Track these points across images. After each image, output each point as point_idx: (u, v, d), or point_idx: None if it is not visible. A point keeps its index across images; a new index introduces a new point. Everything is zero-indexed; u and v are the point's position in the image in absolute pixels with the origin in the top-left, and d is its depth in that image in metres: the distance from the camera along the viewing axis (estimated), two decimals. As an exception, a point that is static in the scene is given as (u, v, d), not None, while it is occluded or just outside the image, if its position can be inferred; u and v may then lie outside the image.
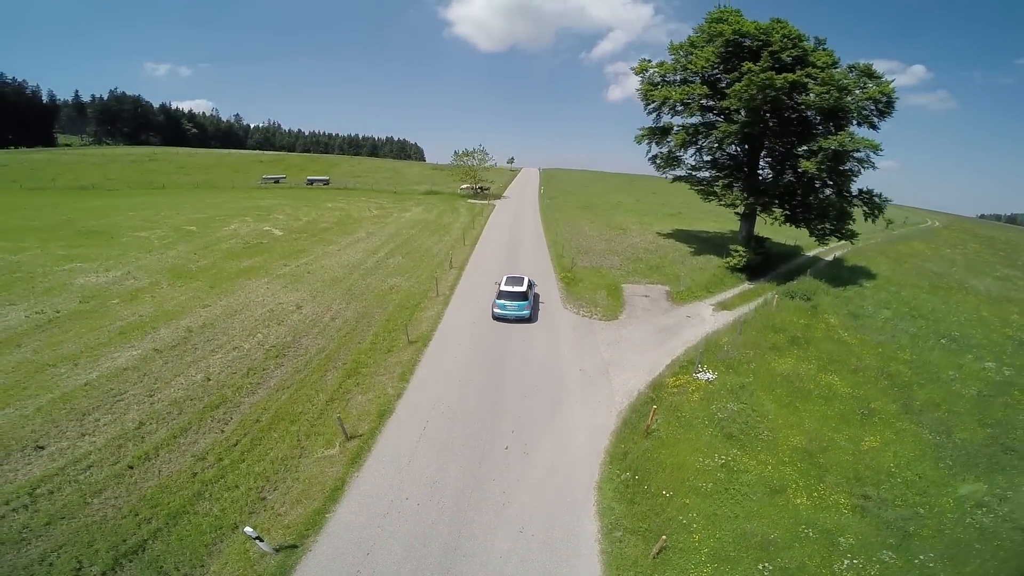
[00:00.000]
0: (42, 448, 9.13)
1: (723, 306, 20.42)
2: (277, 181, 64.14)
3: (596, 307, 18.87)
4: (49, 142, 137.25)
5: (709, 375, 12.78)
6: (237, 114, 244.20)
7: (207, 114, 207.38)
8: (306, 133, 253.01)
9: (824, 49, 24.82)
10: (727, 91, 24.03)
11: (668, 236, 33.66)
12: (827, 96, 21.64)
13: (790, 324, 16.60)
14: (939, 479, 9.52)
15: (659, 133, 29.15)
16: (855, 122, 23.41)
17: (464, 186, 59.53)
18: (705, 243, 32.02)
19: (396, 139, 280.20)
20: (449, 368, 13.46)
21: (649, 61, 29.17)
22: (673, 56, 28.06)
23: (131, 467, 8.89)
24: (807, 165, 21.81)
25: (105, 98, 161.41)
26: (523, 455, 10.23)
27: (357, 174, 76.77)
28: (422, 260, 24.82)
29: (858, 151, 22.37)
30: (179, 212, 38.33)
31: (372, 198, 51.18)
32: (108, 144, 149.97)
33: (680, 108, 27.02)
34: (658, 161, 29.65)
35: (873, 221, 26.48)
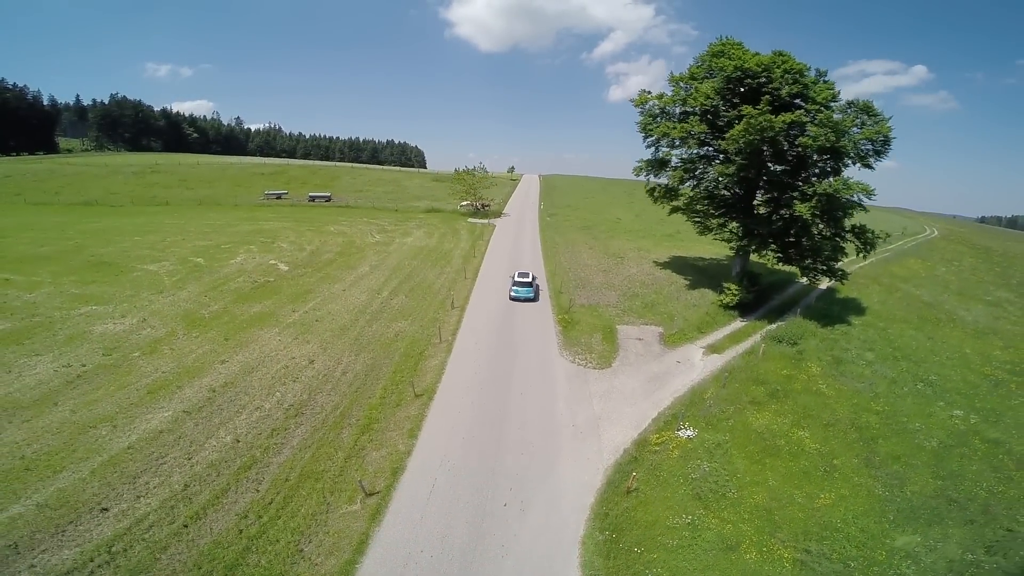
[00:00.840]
0: (106, 510, 11.12)
1: (713, 349, 22.42)
2: (279, 197, 66.68)
3: (591, 353, 20.87)
4: (51, 148, 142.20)
5: (690, 432, 14.76)
6: (238, 117, 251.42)
7: (208, 117, 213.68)
8: (307, 136, 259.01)
9: (825, 81, 26.78)
10: (725, 132, 25.93)
11: (664, 265, 35.72)
12: (823, 139, 23.32)
13: (773, 375, 18.60)
14: (880, 532, 11.47)
15: (657, 165, 31.32)
16: (851, 162, 25.40)
17: (465, 203, 61.82)
18: (701, 273, 34.06)
19: (397, 142, 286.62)
20: (453, 425, 15.44)
21: (649, 93, 31.41)
22: (673, 88, 30.22)
23: (186, 526, 10.88)
24: (801, 209, 23.66)
25: (106, 102, 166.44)
26: (519, 512, 12.19)
27: (358, 188, 79.18)
28: (424, 298, 26.87)
29: (851, 196, 24.30)
30: (184, 237, 40.61)
31: (373, 219, 53.43)
32: (109, 150, 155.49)
33: (678, 143, 29.19)
34: (656, 193, 31.80)
35: (864, 257, 28.51)
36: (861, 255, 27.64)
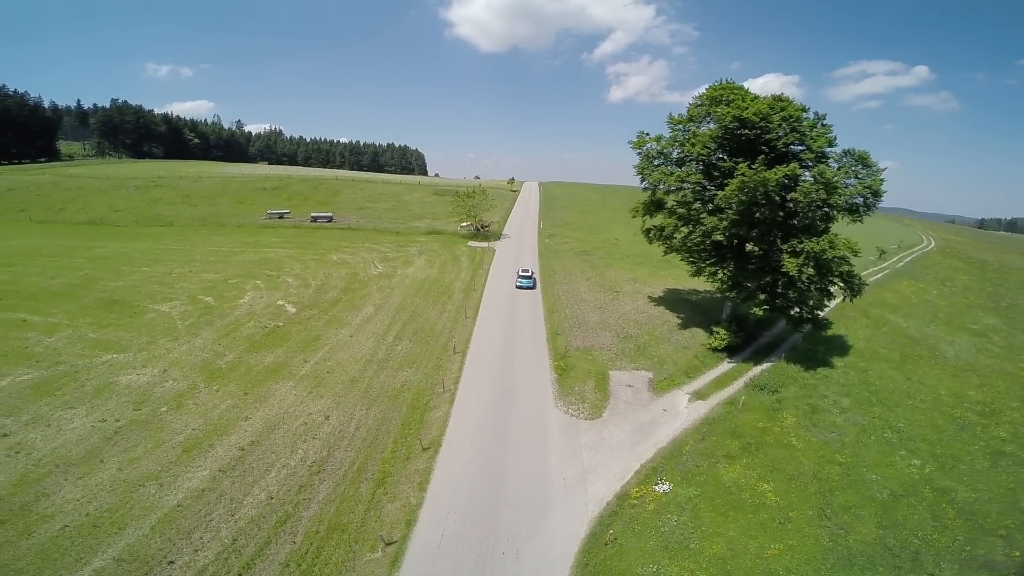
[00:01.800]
0: (172, 562, 14.10)
1: (698, 395, 25.42)
2: (282, 216, 70.24)
3: (584, 403, 23.87)
4: (52, 154, 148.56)
5: (665, 487, 17.73)
6: (239, 120, 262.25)
7: (209, 121, 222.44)
8: (307, 140, 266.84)
9: (824, 125, 29.44)
10: (721, 182, 28.58)
11: (659, 301, 38.76)
12: (815, 195, 25.93)
13: (749, 428, 21.58)
14: (818, 581, 14.43)
15: (653, 206, 34.40)
16: (842, 214, 28.07)
17: (465, 223, 65.08)
18: (694, 309, 37.07)
19: (397, 146, 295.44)
20: (458, 478, 18.42)
21: (647, 135, 34.57)
22: (671, 130, 33.22)
23: (240, 575, 13.90)
24: (789, 265, 26.16)
25: (107, 107, 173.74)
26: (515, 560, 15.15)
27: (360, 204, 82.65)
28: (427, 342, 29.92)
29: (839, 256, 26.67)
30: (191, 268, 43.96)
31: (375, 243, 56.69)
32: (111, 156, 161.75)
33: (674, 189, 32.19)
34: (651, 234, 34.84)
35: (852, 301, 31.26)
36: (848, 299, 30.41)
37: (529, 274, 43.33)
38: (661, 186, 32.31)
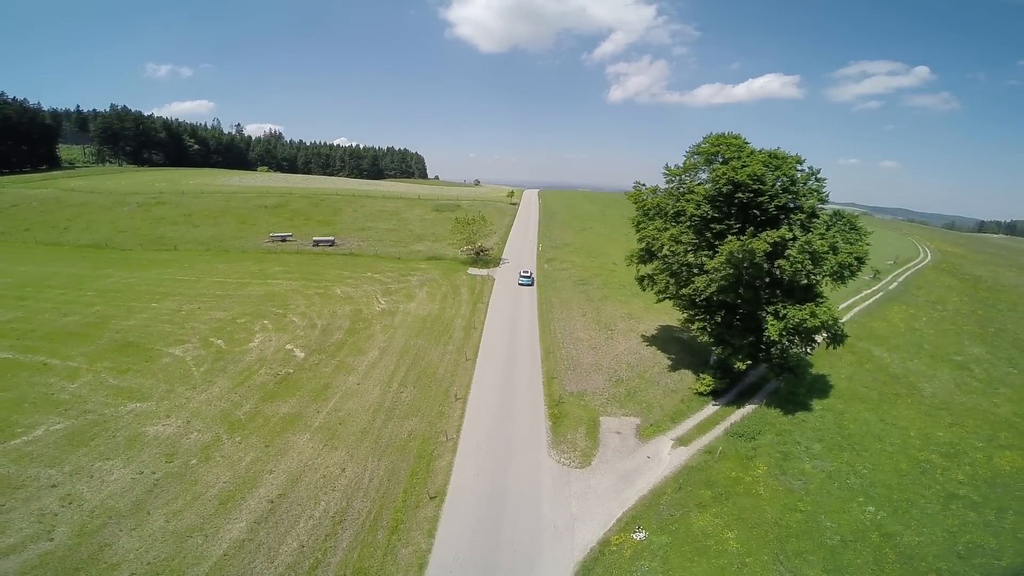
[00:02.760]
0: (226, 608, 17.99)
1: (681, 441, 29.29)
2: (284, 240, 74.47)
3: (575, 451, 27.76)
4: (53, 162, 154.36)
5: (642, 534, 21.58)
6: (238, 124, 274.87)
7: (209, 125, 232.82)
8: (308, 144, 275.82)
9: (817, 179, 32.62)
10: (713, 243, 31.81)
11: (651, 340, 42.70)
12: (801, 266, 28.74)
13: (722, 478, 25.45)
14: (766, 620, 18.25)
15: (647, 256, 38.09)
16: (827, 279, 31.01)
17: (466, 247, 69.19)
18: (684, 349, 40.98)
19: (397, 149, 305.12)
20: (462, 526, 22.27)
21: (644, 186, 38.56)
22: (667, 181, 37.04)
23: (280, 619, 17.76)
24: (772, 329, 29.50)
25: (106, 111, 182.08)
26: (511, 602, 19.04)
27: (361, 224, 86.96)
28: (430, 388, 33.85)
29: (821, 324, 29.39)
30: (200, 305, 48.23)
31: (377, 272, 60.81)
32: (111, 163, 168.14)
33: (668, 248, 35.41)
34: (644, 282, 38.63)
35: (835, 348, 34.42)
36: (831, 346, 33.79)
37: (529, 274, 59.98)
38: (655, 243, 35.47)
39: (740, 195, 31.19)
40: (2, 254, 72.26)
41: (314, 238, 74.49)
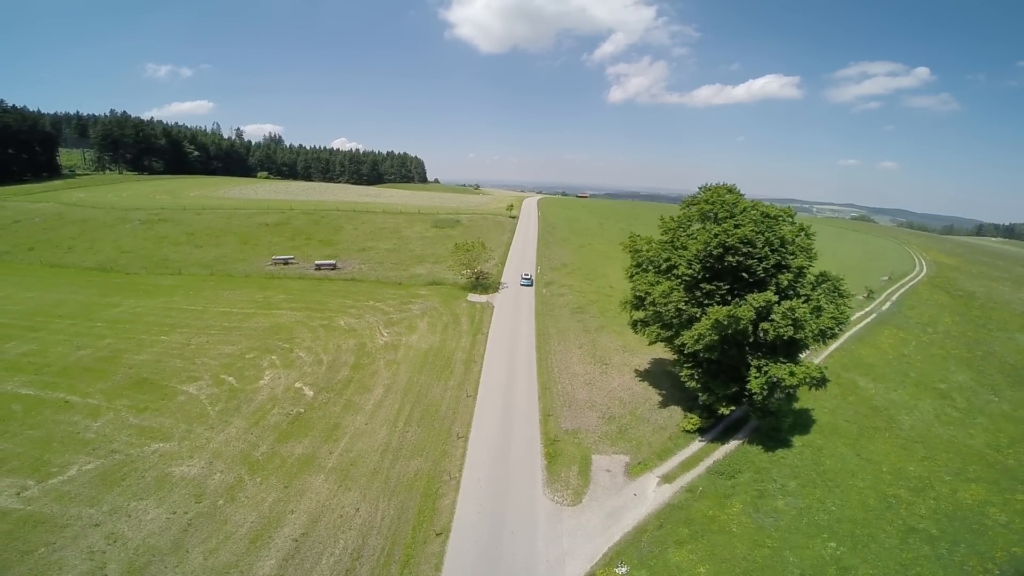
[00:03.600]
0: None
1: (666, 479, 33.35)
2: (287, 263, 78.87)
3: (568, 489, 31.84)
4: (54, 169, 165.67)
5: (624, 569, 25.63)
6: (238, 128, 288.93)
7: (208, 129, 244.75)
8: (308, 148, 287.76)
9: (808, 235, 36.58)
10: (703, 302, 35.56)
11: (644, 375, 46.90)
12: (783, 331, 32.34)
13: (700, 516, 29.54)
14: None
15: (638, 303, 41.79)
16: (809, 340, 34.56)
17: (465, 271, 73.34)
18: (675, 384, 44.93)
19: (397, 153, 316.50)
20: (464, 560, 26.34)
21: (639, 237, 42.68)
22: (662, 232, 41.10)
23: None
24: (754, 384, 33.47)
25: (106, 115, 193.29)
26: (509, 631, 23.12)
27: (361, 244, 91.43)
28: (433, 426, 37.96)
29: (799, 381, 33.07)
30: (208, 338, 52.51)
31: (379, 300, 65.12)
32: (111, 170, 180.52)
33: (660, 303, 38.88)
34: (637, 327, 42.49)
35: (816, 391, 38.06)
36: (813, 389, 37.37)
37: (529, 276, 75.89)
38: (648, 297, 39.09)
39: (730, 259, 34.53)
40: (8, 277, 76.55)
41: (316, 262, 78.74)
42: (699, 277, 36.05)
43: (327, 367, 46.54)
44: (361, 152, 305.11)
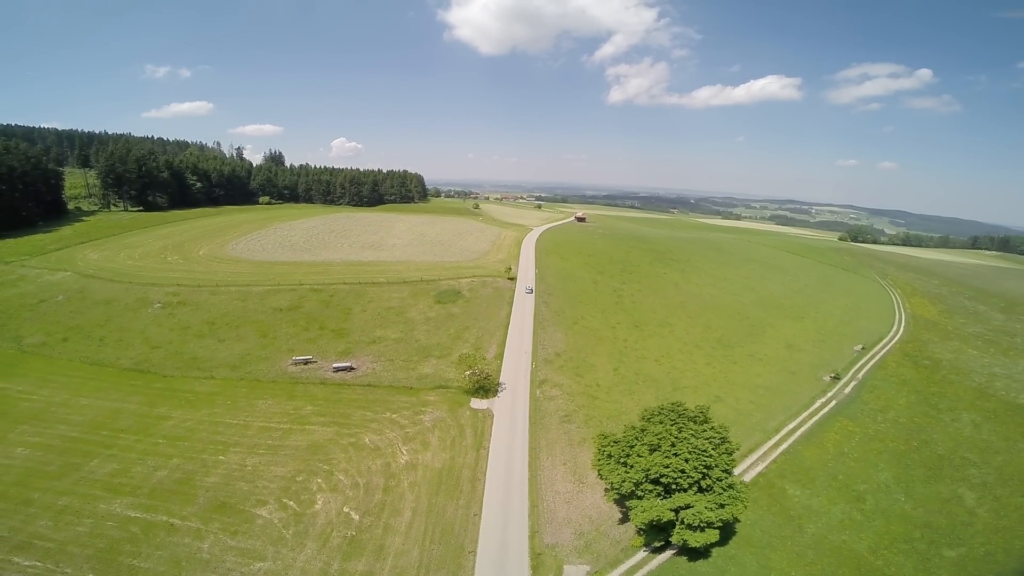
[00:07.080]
0: None
1: (614, 585, 58.00)
2: (307, 363, 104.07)
3: (544, 595, 56.57)
4: (61, 209, 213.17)
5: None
6: (239, 148, 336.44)
7: (209, 145, 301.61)
8: (311, 167, 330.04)
9: (729, 455, 62.78)
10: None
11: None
12: (693, 520, 59.19)
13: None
14: None
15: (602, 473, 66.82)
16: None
17: (468, 372, 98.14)
18: (636, 501, 69.85)
19: (397, 171, 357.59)
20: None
21: (605, 438, 67.80)
22: (624, 434, 66.39)
23: None
24: (675, 538, 59.33)
25: (104, 132, 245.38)
26: None
27: (371, 334, 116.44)
28: (449, 543, 62.64)
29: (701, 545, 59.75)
30: (260, 459, 76.67)
31: (394, 413, 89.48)
32: (116, 208, 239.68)
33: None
34: (609, 492, 67.34)
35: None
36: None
37: (531, 288, 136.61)
38: (614, 483, 64.21)
39: (665, 479, 60.21)
40: (56, 377, 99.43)
41: (334, 364, 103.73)
42: (641, 481, 61.46)
43: (364, 490, 71.47)
44: (362, 171, 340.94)
